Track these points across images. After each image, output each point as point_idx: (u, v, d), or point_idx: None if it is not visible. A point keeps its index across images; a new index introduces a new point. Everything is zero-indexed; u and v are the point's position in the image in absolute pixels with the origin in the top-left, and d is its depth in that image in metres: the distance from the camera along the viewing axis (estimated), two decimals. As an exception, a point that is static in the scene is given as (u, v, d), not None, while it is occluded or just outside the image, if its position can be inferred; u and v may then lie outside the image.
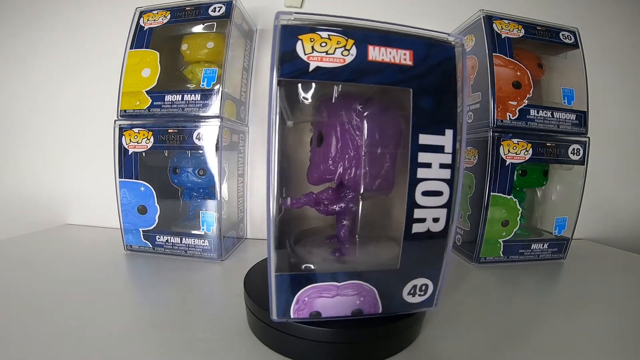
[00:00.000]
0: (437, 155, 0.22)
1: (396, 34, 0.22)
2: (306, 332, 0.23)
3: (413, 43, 0.22)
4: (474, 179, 0.46)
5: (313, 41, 0.21)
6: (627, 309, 0.34)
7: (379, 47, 0.21)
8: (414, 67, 0.22)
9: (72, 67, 0.60)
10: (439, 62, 0.22)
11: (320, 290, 0.23)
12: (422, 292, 0.24)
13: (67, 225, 0.62)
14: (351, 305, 0.24)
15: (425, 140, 0.22)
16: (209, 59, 0.46)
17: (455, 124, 0.22)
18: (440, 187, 0.22)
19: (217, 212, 0.43)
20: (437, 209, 0.23)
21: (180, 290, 0.35)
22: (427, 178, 0.22)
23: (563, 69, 0.48)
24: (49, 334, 0.26)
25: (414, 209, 0.22)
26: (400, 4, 0.57)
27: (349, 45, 0.21)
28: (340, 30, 0.21)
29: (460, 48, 0.22)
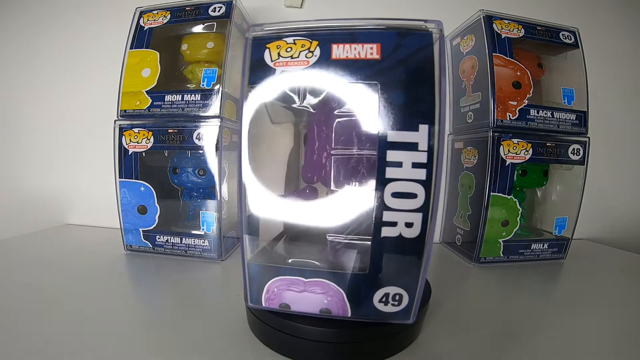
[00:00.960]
0: (410, 153, 0.20)
1: (363, 29, 0.21)
2: (306, 332, 0.23)
3: (381, 36, 0.21)
4: (474, 179, 0.46)
5: (279, 48, 0.22)
6: (627, 309, 0.34)
7: (343, 44, 0.21)
8: (382, 60, 0.21)
9: (72, 67, 0.60)
10: (412, 52, 0.21)
11: (288, 283, 0.24)
12: (396, 302, 0.23)
13: (67, 225, 0.62)
14: (319, 303, 0.24)
15: (394, 138, 0.20)
16: (209, 59, 0.46)
17: (431, 118, 0.20)
18: (414, 188, 0.21)
19: (217, 212, 0.43)
20: (410, 213, 0.21)
21: (180, 290, 0.35)
22: (397, 178, 0.21)
23: (563, 69, 0.48)
24: (48, 334, 0.26)
25: (383, 211, 0.21)
26: (400, 4, 0.57)
27: (313, 47, 0.22)
28: (305, 33, 0.22)
29: (438, 34, 0.20)
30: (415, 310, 0.23)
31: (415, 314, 0.23)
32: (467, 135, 0.49)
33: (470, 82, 0.48)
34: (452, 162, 0.54)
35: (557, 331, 0.29)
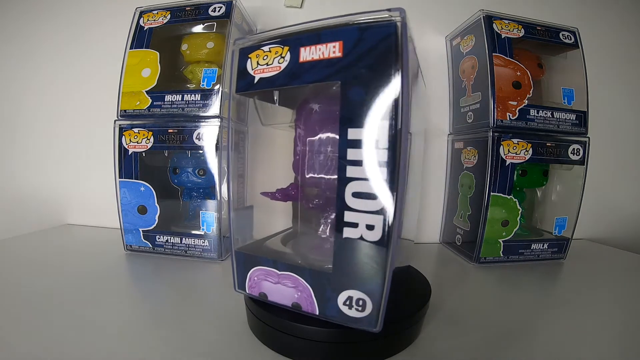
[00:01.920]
0: (370, 151, 0.19)
1: (326, 28, 0.21)
2: (306, 332, 0.23)
3: (343, 32, 0.21)
4: (474, 179, 0.46)
5: (258, 57, 0.23)
6: (627, 309, 0.34)
7: (310, 46, 0.22)
8: (344, 57, 0.20)
9: (72, 67, 0.60)
10: (372, 46, 0.20)
11: (265, 273, 0.25)
12: (360, 308, 0.21)
13: (67, 225, 0.62)
14: (290, 297, 0.24)
15: (355, 135, 0.20)
16: (209, 59, 0.46)
17: (391, 113, 0.19)
18: (374, 189, 0.19)
19: (217, 212, 0.43)
20: (371, 215, 0.20)
21: (180, 290, 0.35)
22: (357, 177, 0.20)
23: (563, 69, 0.48)
24: (49, 333, 0.26)
25: (344, 211, 0.20)
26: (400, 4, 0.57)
27: (284, 52, 0.22)
28: (278, 40, 0.23)
29: (400, 22, 0.19)
30: (381, 319, 0.21)
31: (381, 324, 0.21)
32: (467, 135, 0.49)
33: (470, 82, 0.48)
34: (452, 162, 0.54)
35: (557, 331, 0.29)
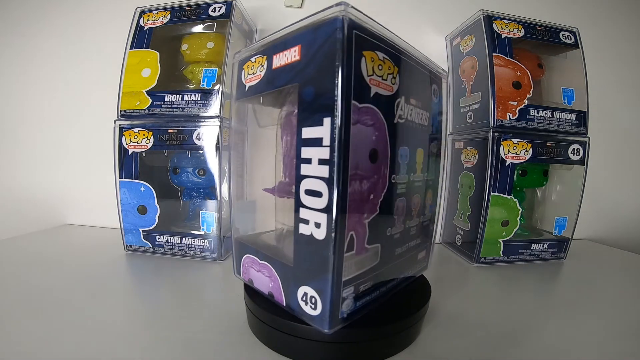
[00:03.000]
0: (316, 149, 0.20)
1: (291, 33, 0.22)
2: (306, 332, 0.23)
3: (302, 36, 0.21)
4: (474, 179, 0.46)
5: (248, 67, 0.25)
6: (627, 309, 0.34)
7: (279, 53, 0.23)
8: (301, 60, 0.21)
9: (72, 67, 0.60)
10: (321, 44, 0.20)
11: (251, 261, 0.27)
12: (313, 305, 0.21)
13: (67, 225, 0.62)
14: (266, 286, 0.25)
15: (307, 134, 0.20)
16: (209, 59, 0.46)
17: (332, 110, 0.19)
18: (319, 186, 0.20)
19: (217, 212, 0.43)
20: (317, 213, 0.20)
21: (180, 290, 0.35)
22: (308, 175, 0.20)
23: (563, 69, 0.48)
24: (49, 333, 0.26)
25: (300, 208, 0.21)
26: (400, 4, 0.57)
27: (263, 61, 0.24)
28: (261, 50, 0.24)
29: (342, 16, 0.19)
30: (331, 321, 0.21)
31: (331, 325, 0.21)
32: (467, 135, 0.49)
33: (470, 82, 0.48)
34: (452, 162, 0.54)
35: (557, 331, 0.29)
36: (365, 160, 0.21)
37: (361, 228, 0.22)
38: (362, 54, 0.20)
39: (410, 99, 0.25)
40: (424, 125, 0.27)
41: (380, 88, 0.21)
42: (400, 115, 0.24)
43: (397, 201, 0.25)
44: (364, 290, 0.23)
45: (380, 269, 0.24)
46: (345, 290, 0.21)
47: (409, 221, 0.27)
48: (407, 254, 0.28)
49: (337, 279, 0.20)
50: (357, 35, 0.20)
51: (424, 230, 0.30)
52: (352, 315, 0.22)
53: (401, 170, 0.25)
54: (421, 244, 0.30)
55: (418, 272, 0.31)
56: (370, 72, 0.21)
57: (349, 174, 0.19)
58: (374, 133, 0.21)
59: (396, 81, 0.23)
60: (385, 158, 0.23)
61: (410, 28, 0.58)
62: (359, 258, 0.22)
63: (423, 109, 0.27)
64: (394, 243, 0.25)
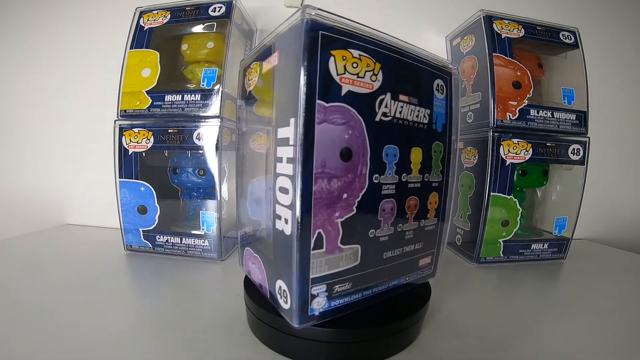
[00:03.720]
0: (285, 148, 0.20)
1: (274, 39, 0.23)
2: (306, 332, 0.23)
3: (280, 41, 0.22)
4: (474, 179, 0.46)
5: (249, 73, 0.27)
6: (627, 309, 0.34)
7: (267, 59, 0.24)
8: (279, 64, 0.22)
9: (72, 67, 0.60)
10: (290, 48, 0.21)
11: (249, 254, 0.28)
12: (285, 299, 0.22)
13: (67, 225, 0.62)
14: (258, 277, 0.26)
15: (280, 134, 0.21)
16: (209, 59, 0.46)
17: (297, 110, 0.19)
18: (287, 184, 0.20)
19: (217, 212, 0.43)
20: (286, 209, 0.21)
21: (180, 290, 0.35)
22: (281, 173, 0.21)
23: (563, 69, 0.48)
24: (49, 333, 0.26)
25: (275, 204, 0.22)
26: (400, 4, 0.57)
27: (257, 68, 0.25)
28: (256, 57, 0.26)
29: (304, 19, 0.19)
30: (301, 316, 0.21)
31: (301, 320, 0.21)
32: (467, 135, 0.49)
33: (470, 82, 0.48)
34: (452, 162, 0.53)
35: (557, 331, 0.29)
36: (335, 158, 0.21)
37: (332, 227, 0.22)
38: (330, 54, 0.20)
39: (399, 95, 0.24)
40: (423, 123, 0.26)
41: (355, 86, 0.21)
42: (384, 112, 0.23)
43: (382, 202, 0.24)
44: (341, 290, 0.23)
45: (362, 271, 0.24)
46: (315, 287, 0.22)
47: (403, 224, 0.26)
48: (401, 258, 0.26)
49: (303, 275, 0.21)
50: (325, 36, 0.20)
51: (426, 235, 0.28)
52: (327, 314, 0.23)
53: (388, 171, 0.24)
54: (423, 249, 0.28)
55: (421, 278, 0.29)
56: (341, 71, 0.21)
57: (313, 172, 0.20)
58: (346, 132, 0.21)
59: (378, 78, 0.22)
60: (362, 157, 0.22)
61: (411, 28, 0.58)
62: (331, 257, 0.22)
63: (421, 106, 0.25)
64: (381, 246, 0.25)
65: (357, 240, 0.23)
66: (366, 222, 0.23)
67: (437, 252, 0.30)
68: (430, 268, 0.30)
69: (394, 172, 0.24)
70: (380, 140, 0.23)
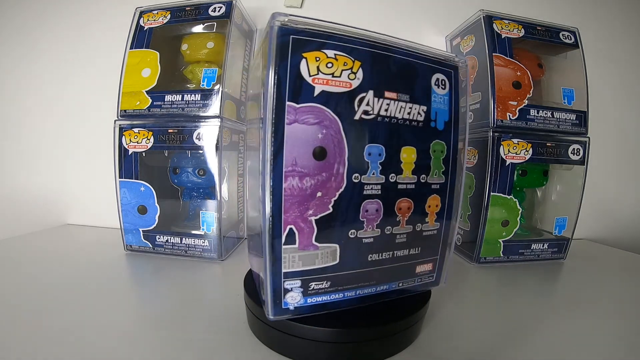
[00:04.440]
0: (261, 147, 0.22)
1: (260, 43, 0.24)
2: (306, 332, 0.23)
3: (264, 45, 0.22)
4: (474, 179, 0.46)
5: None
6: (627, 309, 0.34)
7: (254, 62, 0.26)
8: (260, 68, 0.23)
9: (72, 67, 0.60)
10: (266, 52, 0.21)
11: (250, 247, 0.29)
12: (263, 291, 0.23)
13: (67, 225, 0.62)
14: (256, 268, 0.27)
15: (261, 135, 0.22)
16: (209, 59, 0.46)
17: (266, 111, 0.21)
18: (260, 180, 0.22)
19: (217, 212, 0.43)
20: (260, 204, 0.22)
21: (180, 290, 0.35)
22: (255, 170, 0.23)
23: (563, 69, 0.48)
24: (49, 333, 0.26)
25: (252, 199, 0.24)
26: (400, 4, 0.57)
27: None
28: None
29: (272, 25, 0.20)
30: (274, 308, 0.22)
31: (275, 312, 0.22)
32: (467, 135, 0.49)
33: (470, 82, 0.48)
34: (452, 162, 0.53)
35: (557, 331, 0.29)
36: (308, 157, 0.21)
37: (305, 224, 0.22)
38: (302, 57, 0.21)
39: (385, 92, 0.23)
40: (417, 121, 0.25)
41: (329, 86, 0.21)
42: (365, 111, 0.22)
43: (365, 203, 0.23)
44: (318, 288, 0.23)
45: (342, 271, 0.23)
46: (289, 282, 0.22)
47: (392, 227, 0.25)
48: (392, 263, 0.25)
49: (275, 269, 0.22)
50: (296, 40, 0.21)
51: (425, 241, 0.27)
52: (303, 310, 0.23)
53: (371, 170, 0.23)
54: (421, 255, 0.27)
55: (421, 286, 0.28)
56: (313, 72, 0.21)
57: (283, 170, 0.21)
58: (320, 131, 0.21)
59: (358, 76, 0.22)
60: (339, 156, 0.22)
61: (411, 28, 0.58)
62: (305, 254, 0.22)
63: (414, 103, 0.24)
64: (365, 248, 0.24)
65: (336, 240, 0.23)
66: (345, 221, 0.23)
67: (442, 259, 0.28)
68: (432, 276, 0.28)
69: (378, 172, 0.23)
70: (360, 139, 0.23)
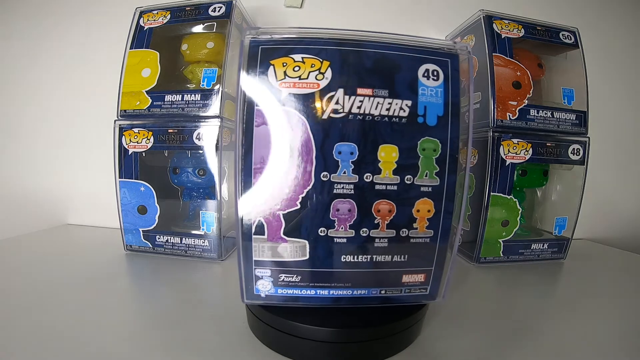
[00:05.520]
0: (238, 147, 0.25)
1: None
2: (306, 332, 0.23)
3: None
4: (474, 179, 0.46)
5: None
6: (627, 309, 0.34)
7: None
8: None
9: (72, 67, 0.60)
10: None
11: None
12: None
13: (67, 225, 0.62)
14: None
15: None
16: (209, 59, 0.46)
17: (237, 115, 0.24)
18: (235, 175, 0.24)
19: (217, 212, 0.43)
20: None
21: (180, 290, 0.35)
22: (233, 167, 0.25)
23: (563, 69, 0.48)
24: (49, 333, 0.26)
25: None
26: (400, 4, 0.57)
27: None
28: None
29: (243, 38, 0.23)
30: (246, 293, 0.24)
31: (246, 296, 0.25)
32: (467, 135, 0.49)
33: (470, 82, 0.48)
34: (452, 162, 0.53)
35: (557, 331, 0.29)
36: (275, 156, 0.23)
37: (273, 217, 0.23)
38: (269, 64, 0.22)
39: (358, 89, 0.23)
40: (399, 117, 0.23)
41: (296, 88, 0.22)
42: (335, 109, 0.23)
43: (336, 202, 0.23)
44: (288, 281, 0.24)
45: (313, 268, 0.24)
46: (259, 270, 0.24)
47: (370, 230, 0.24)
48: (371, 267, 0.24)
49: (246, 256, 0.24)
50: (265, 49, 0.23)
51: (413, 248, 0.24)
52: (273, 299, 0.25)
53: (342, 169, 0.23)
54: (408, 264, 0.25)
55: (412, 297, 0.26)
56: (280, 77, 0.23)
57: (252, 167, 0.22)
58: (286, 131, 0.23)
59: (326, 76, 0.23)
60: (306, 155, 0.23)
61: (411, 27, 0.58)
62: (274, 245, 0.24)
63: (394, 98, 0.23)
64: (337, 248, 0.24)
65: (305, 236, 0.23)
66: (313, 219, 0.23)
67: (438, 271, 0.25)
68: (426, 288, 0.26)
69: (350, 171, 0.23)
70: (329, 138, 0.23)
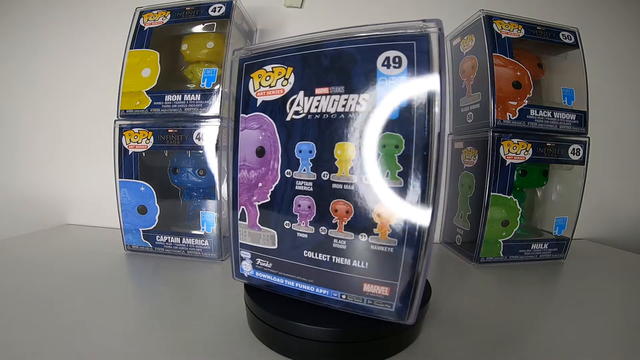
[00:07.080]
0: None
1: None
2: (306, 331, 0.23)
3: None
4: (474, 179, 0.46)
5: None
6: (627, 309, 0.34)
7: None
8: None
9: (72, 67, 0.60)
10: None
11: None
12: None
13: (67, 225, 0.62)
14: None
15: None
16: (209, 59, 0.46)
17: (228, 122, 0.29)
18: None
19: (217, 212, 0.43)
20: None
21: (180, 290, 0.35)
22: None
23: (563, 69, 0.48)
24: (49, 333, 0.26)
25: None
26: (400, 4, 0.57)
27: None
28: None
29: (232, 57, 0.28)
30: (235, 270, 0.29)
31: (235, 274, 0.29)
32: (467, 135, 0.49)
33: (470, 82, 0.48)
34: (452, 162, 0.54)
35: (557, 331, 0.29)
36: (252, 155, 0.26)
37: (251, 207, 0.27)
38: (250, 77, 0.26)
39: (316, 89, 0.23)
40: (355, 112, 0.22)
41: (267, 96, 0.25)
42: (296, 111, 0.24)
43: (297, 198, 0.25)
44: (263, 265, 0.27)
45: (280, 257, 0.26)
46: (243, 252, 0.28)
47: (329, 229, 0.23)
48: (330, 267, 0.24)
49: (235, 238, 0.28)
50: (247, 65, 0.26)
51: (374, 256, 0.22)
52: (253, 280, 0.28)
53: (302, 167, 0.24)
54: (369, 273, 0.22)
55: (375, 310, 0.23)
56: (257, 87, 0.26)
57: (238, 164, 0.27)
58: (260, 134, 0.26)
59: (289, 81, 0.24)
60: (274, 154, 0.25)
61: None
62: (252, 232, 0.27)
63: (350, 93, 0.22)
64: (299, 242, 0.25)
65: (274, 226, 0.26)
66: (280, 211, 0.26)
67: (405, 289, 0.21)
68: (390, 304, 0.22)
69: (309, 168, 0.24)
70: (291, 138, 0.25)
